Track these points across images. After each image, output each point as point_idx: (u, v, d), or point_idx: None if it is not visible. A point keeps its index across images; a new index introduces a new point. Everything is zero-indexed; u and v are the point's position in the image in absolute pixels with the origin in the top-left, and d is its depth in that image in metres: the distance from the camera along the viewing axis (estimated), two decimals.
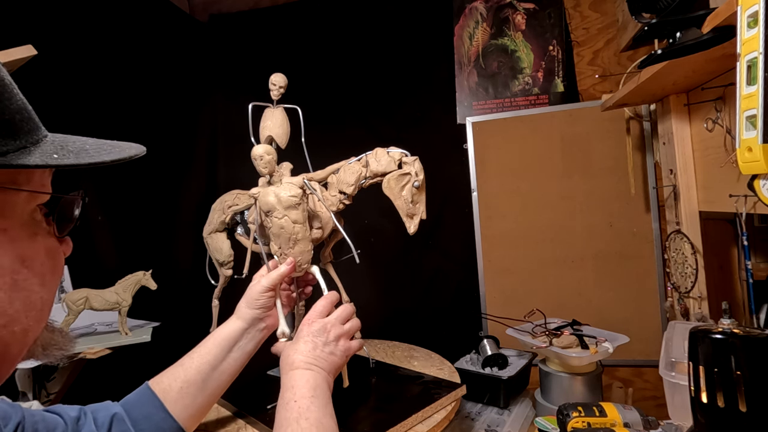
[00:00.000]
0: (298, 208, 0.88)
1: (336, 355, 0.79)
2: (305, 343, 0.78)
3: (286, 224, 0.88)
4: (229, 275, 1.33)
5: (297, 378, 0.74)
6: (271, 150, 0.96)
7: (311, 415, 0.67)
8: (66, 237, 0.50)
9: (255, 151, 0.94)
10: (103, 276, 1.38)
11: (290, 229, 0.88)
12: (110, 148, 0.48)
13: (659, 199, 1.63)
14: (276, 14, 2.07)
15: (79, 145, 0.46)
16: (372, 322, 1.47)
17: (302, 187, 0.90)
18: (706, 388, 0.73)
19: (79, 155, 0.44)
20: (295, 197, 0.87)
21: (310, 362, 0.76)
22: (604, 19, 1.75)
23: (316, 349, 0.77)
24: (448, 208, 1.86)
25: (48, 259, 0.46)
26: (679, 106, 1.28)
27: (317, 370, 0.75)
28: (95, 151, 0.46)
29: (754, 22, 0.69)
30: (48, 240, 0.47)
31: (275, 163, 0.97)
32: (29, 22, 1.35)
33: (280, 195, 0.88)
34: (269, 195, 0.89)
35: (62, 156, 0.43)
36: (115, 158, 0.47)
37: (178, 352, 0.84)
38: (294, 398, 0.70)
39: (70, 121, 1.37)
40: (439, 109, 1.90)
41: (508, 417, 1.29)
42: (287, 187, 0.89)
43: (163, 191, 1.81)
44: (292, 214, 0.88)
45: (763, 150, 0.69)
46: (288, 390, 0.72)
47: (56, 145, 0.44)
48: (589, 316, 1.45)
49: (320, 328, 0.80)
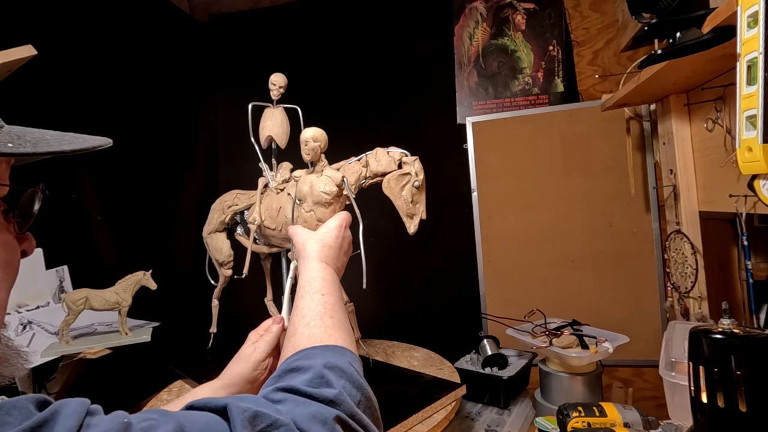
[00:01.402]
0: (328, 207, 0.82)
1: (342, 269, 0.79)
2: (333, 244, 0.76)
3: (309, 219, 0.83)
4: (229, 275, 1.33)
5: (325, 271, 0.72)
6: (320, 137, 0.90)
7: (336, 315, 0.64)
8: (27, 234, 0.48)
9: (304, 134, 0.89)
10: (103, 276, 1.38)
11: (312, 225, 0.83)
12: (73, 139, 0.46)
13: (659, 199, 1.63)
14: (276, 14, 2.07)
15: (38, 135, 0.44)
16: (372, 322, 1.48)
17: (340, 186, 0.83)
18: (706, 388, 0.73)
19: (37, 145, 0.42)
20: (328, 195, 0.81)
21: (338, 264, 0.75)
22: (604, 19, 1.75)
23: (339, 255, 0.77)
24: (448, 208, 1.86)
25: (2, 253, 0.44)
26: (679, 106, 1.28)
27: (338, 273, 0.75)
28: (56, 141, 0.44)
29: (754, 22, 0.69)
30: (3, 235, 0.44)
31: (320, 151, 0.91)
32: (29, 22, 1.35)
33: (314, 186, 0.82)
34: (305, 183, 0.84)
35: (18, 145, 0.41)
36: (76, 148, 0.45)
37: (178, 352, 0.83)
38: (322, 291, 0.67)
39: (70, 121, 1.37)
40: (439, 109, 1.90)
41: (508, 417, 1.29)
42: (324, 180, 0.83)
43: (163, 191, 1.81)
44: (319, 211, 0.82)
45: (763, 150, 0.69)
46: (316, 279, 0.69)
47: (12, 135, 0.42)
48: (589, 316, 1.45)
49: (342, 236, 0.79)
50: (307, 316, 0.63)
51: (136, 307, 1.36)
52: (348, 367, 0.52)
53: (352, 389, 0.49)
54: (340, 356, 0.54)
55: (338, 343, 0.58)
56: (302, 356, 0.54)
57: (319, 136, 0.89)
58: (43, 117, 0.58)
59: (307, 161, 0.90)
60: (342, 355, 0.55)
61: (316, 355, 0.54)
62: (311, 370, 0.49)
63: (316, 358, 0.52)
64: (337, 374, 0.50)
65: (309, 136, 0.88)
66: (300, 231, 0.80)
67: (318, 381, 0.48)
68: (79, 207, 1.50)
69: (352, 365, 0.53)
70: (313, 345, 0.57)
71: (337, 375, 0.49)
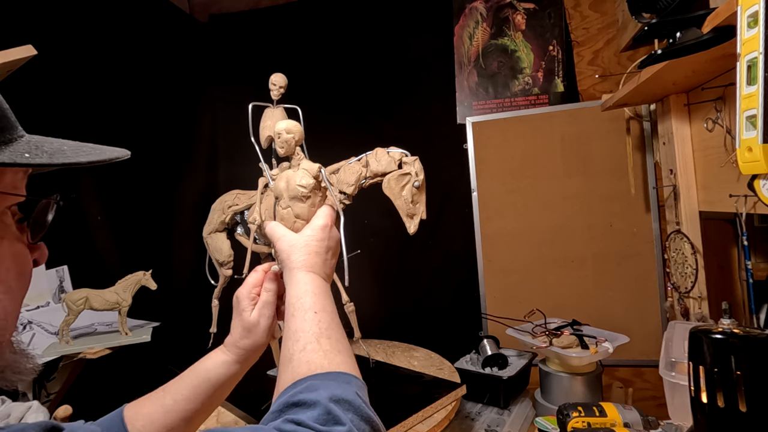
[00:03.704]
0: (305, 201, 0.77)
1: (331, 275, 0.73)
2: (320, 250, 0.70)
3: (286, 216, 0.78)
4: (229, 275, 1.33)
5: (314, 283, 0.65)
6: (294, 129, 0.83)
7: (333, 334, 0.59)
8: (39, 243, 0.47)
9: (276, 126, 0.83)
10: (103, 276, 1.38)
11: (290, 223, 0.77)
12: (90, 150, 0.46)
13: (659, 199, 1.63)
14: (276, 14, 2.07)
15: (56, 146, 0.44)
16: (372, 322, 1.48)
17: (317, 178, 0.78)
18: (706, 388, 0.73)
19: (53, 156, 0.42)
20: (305, 188, 0.76)
21: (326, 270, 0.70)
22: (604, 19, 1.75)
23: (325, 263, 0.70)
24: (448, 208, 1.86)
25: (14, 264, 0.43)
26: (679, 106, 1.28)
27: (327, 280, 0.69)
28: (72, 153, 0.44)
29: (754, 22, 0.69)
30: (15, 245, 0.44)
31: (294, 144, 0.84)
32: (29, 22, 1.35)
33: (290, 181, 0.78)
34: (281, 179, 0.79)
35: (34, 155, 0.41)
36: (93, 159, 0.44)
37: (178, 352, 0.83)
38: (314, 308, 0.61)
39: (70, 121, 1.37)
40: (439, 109, 1.90)
41: (508, 417, 1.29)
42: (301, 174, 0.78)
43: (164, 191, 1.81)
44: (296, 207, 0.77)
45: (763, 150, 0.69)
46: (306, 294, 0.63)
47: (30, 145, 0.42)
48: (589, 316, 1.45)
49: (328, 238, 0.73)
50: (302, 339, 0.58)
51: (136, 307, 1.36)
52: (355, 399, 0.50)
53: (360, 423, 0.48)
54: (345, 386, 0.52)
55: (340, 369, 0.55)
56: (304, 388, 0.51)
57: (292, 128, 0.83)
58: (43, 117, 0.58)
59: (282, 155, 0.84)
60: (347, 384, 0.52)
61: (319, 386, 0.51)
62: (317, 406, 0.47)
63: (320, 390, 0.49)
64: (344, 408, 0.48)
65: (282, 128, 0.82)
66: (281, 235, 0.73)
67: (326, 417, 0.46)
68: (79, 207, 1.50)
69: (358, 395, 0.51)
70: (313, 372, 0.54)
71: (344, 409, 0.48)
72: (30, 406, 0.93)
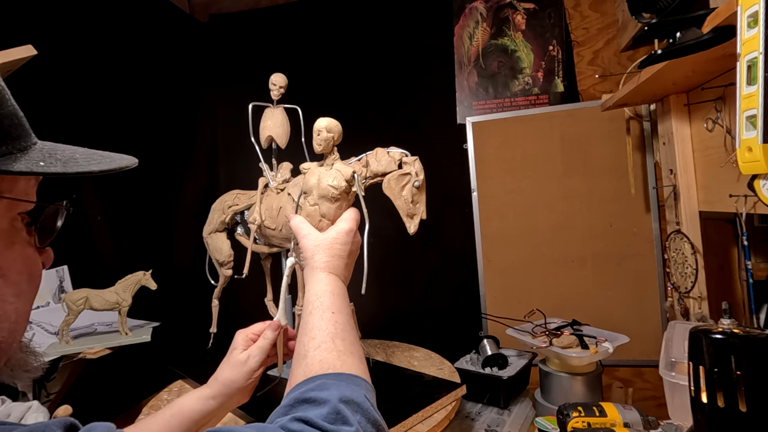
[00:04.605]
0: (334, 203, 0.78)
1: (349, 277, 0.75)
2: (343, 254, 0.72)
3: (312, 213, 0.78)
4: (229, 275, 1.33)
5: (334, 284, 0.68)
6: (334, 128, 0.84)
7: (347, 336, 0.61)
8: (47, 248, 0.48)
9: (317, 123, 0.83)
10: (103, 276, 1.38)
11: (315, 220, 0.78)
12: (101, 158, 0.47)
13: (659, 199, 1.63)
14: (276, 14, 2.07)
15: (68, 153, 0.45)
16: (372, 322, 1.47)
17: (349, 182, 0.79)
18: (706, 388, 0.73)
19: (67, 164, 0.43)
20: (336, 189, 0.77)
21: (346, 274, 0.72)
22: (604, 19, 1.75)
23: (346, 267, 0.73)
24: (448, 208, 1.86)
25: (25, 268, 0.44)
26: (679, 106, 1.28)
27: (345, 282, 0.72)
28: (84, 161, 0.45)
29: (754, 22, 0.69)
30: (26, 249, 0.45)
31: (333, 143, 0.85)
32: (29, 22, 1.35)
33: (321, 180, 0.79)
34: (313, 175, 0.80)
35: (49, 164, 0.41)
36: (104, 168, 0.45)
37: (178, 353, 0.83)
38: (332, 308, 0.64)
39: (71, 122, 1.37)
40: (439, 109, 1.90)
41: (508, 417, 1.29)
42: (333, 174, 0.78)
43: (164, 191, 1.80)
44: (324, 206, 0.78)
45: (763, 150, 0.69)
46: (325, 294, 0.66)
47: (44, 153, 0.43)
48: (589, 316, 1.45)
49: (352, 242, 0.75)
50: (317, 337, 0.60)
51: (136, 307, 1.36)
52: (363, 402, 0.51)
53: (367, 425, 0.49)
54: (356, 388, 0.53)
55: (352, 371, 0.56)
56: (316, 386, 0.52)
57: (333, 127, 0.84)
58: (43, 117, 0.57)
59: (319, 152, 0.85)
60: (357, 386, 0.53)
61: (330, 385, 0.52)
62: (327, 404, 0.48)
63: (332, 389, 0.51)
64: (353, 409, 0.49)
65: (323, 125, 0.82)
66: (306, 233, 0.75)
67: (334, 417, 0.47)
68: (79, 207, 1.50)
69: (367, 398, 0.52)
70: (326, 371, 0.56)
71: (353, 410, 0.49)
72: (30, 406, 0.93)
